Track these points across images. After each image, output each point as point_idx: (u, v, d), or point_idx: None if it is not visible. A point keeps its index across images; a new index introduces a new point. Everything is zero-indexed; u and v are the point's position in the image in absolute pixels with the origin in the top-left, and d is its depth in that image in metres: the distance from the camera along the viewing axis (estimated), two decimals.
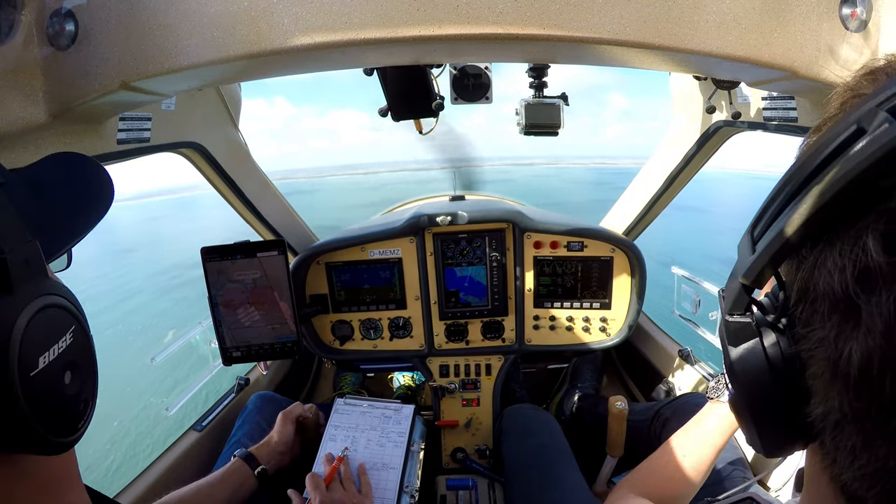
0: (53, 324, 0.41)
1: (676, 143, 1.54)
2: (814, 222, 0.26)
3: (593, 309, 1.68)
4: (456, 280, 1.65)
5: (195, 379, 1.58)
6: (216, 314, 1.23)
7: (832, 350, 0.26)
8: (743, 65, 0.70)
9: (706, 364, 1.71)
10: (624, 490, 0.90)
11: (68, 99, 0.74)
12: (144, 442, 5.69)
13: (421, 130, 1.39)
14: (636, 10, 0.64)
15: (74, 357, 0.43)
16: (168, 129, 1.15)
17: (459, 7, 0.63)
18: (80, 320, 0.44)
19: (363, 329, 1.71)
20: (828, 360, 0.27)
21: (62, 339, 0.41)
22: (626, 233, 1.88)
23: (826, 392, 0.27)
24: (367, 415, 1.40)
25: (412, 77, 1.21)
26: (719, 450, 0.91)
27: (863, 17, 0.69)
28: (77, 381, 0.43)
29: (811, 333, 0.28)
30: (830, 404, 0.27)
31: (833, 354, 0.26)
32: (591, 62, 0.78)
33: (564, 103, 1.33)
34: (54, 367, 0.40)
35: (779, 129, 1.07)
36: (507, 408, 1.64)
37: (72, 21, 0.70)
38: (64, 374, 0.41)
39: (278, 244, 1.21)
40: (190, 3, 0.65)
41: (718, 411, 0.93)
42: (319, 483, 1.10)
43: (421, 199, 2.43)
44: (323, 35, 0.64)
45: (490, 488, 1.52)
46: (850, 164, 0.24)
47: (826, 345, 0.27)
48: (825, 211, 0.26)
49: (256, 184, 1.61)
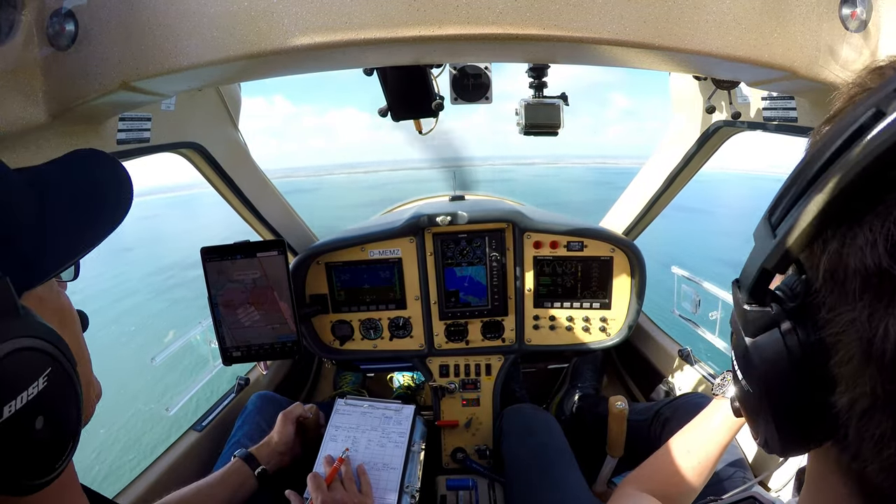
0: (22, 369, 0.37)
1: (676, 143, 1.54)
2: (839, 202, 0.26)
3: (593, 309, 1.69)
4: (456, 280, 1.65)
5: (191, 382, 1.58)
6: (216, 314, 1.23)
7: (865, 329, 0.25)
8: (743, 65, 0.70)
9: (706, 364, 1.71)
10: (629, 486, 0.90)
11: (68, 99, 0.74)
12: (130, 453, 5.45)
13: (421, 130, 1.39)
14: (636, 10, 0.64)
15: (48, 401, 0.39)
16: (168, 130, 1.15)
17: (459, 7, 0.63)
18: (59, 360, 0.41)
19: (363, 329, 1.71)
20: (859, 342, 0.26)
21: (32, 386, 0.38)
22: (626, 233, 1.88)
23: (855, 378, 0.27)
24: (368, 415, 1.40)
25: (412, 77, 1.21)
26: (724, 447, 0.90)
27: (863, 17, 0.69)
28: (51, 426, 0.40)
29: (838, 317, 0.28)
30: (860, 390, 0.26)
31: (866, 334, 0.25)
32: (590, 62, 0.78)
33: (564, 103, 1.33)
34: (22, 416, 0.37)
35: (779, 129, 1.07)
36: (507, 408, 1.64)
37: (72, 21, 0.70)
38: (35, 420, 0.38)
39: (278, 244, 1.21)
40: (190, 3, 0.65)
41: (724, 408, 0.93)
42: (321, 483, 1.10)
43: (421, 199, 2.43)
44: (323, 35, 0.64)
45: (490, 488, 1.52)
46: (874, 143, 0.24)
47: (858, 325, 0.26)
48: (851, 189, 0.26)
49: (256, 184, 1.61)
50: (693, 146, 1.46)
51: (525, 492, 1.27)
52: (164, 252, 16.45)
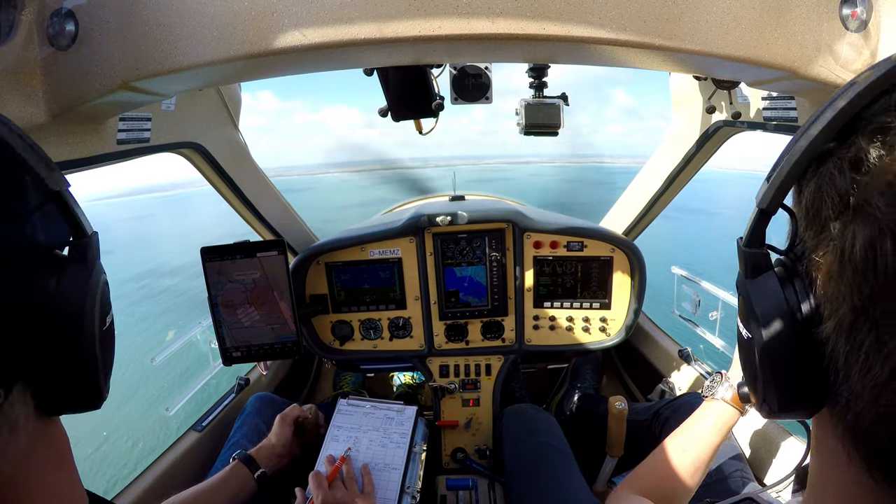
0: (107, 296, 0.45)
1: (676, 143, 1.54)
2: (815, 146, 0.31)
3: (593, 309, 1.69)
4: (456, 280, 1.65)
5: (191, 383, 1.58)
6: (216, 314, 1.23)
7: (839, 242, 0.28)
8: (743, 65, 0.70)
9: (706, 364, 1.71)
10: (624, 490, 0.90)
11: (68, 99, 0.74)
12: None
13: (421, 130, 1.39)
14: (636, 10, 0.64)
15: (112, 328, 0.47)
16: (168, 129, 1.15)
17: (459, 7, 0.63)
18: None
19: (363, 329, 1.71)
20: (834, 255, 0.29)
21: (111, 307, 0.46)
22: (626, 233, 1.88)
23: (836, 297, 0.29)
24: (370, 416, 1.40)
25: (412, 77, 1.21)
26: (716, 448, 0.91)
27: (863, 17, 0.69)
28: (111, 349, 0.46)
29: (820, 244, 0.31)
30: (842, 310, 0.28)
31: (840, 245, 0.28)
32: (591, 62, 0.78)
33: (564, 103, 1.33)
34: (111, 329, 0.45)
35: (779, 129, 1.07)
36: (507, 408, 1.64)
37: (72, 21, 0.70)
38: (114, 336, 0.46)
39: (278, 244, 1.21)
40: (190, 3, 0.65)
41: (715, 409, 0.93)
42: (322, 482, 1.11)
43: (421, 199, 2.43)
44: (323, 35, 0.64)
45: (490, 488, 1.52)
46: (845, 99, 0.29)
47: (833, 243, 0.29)
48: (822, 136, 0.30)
49: (256, 183, 1.61)
50: (693, 146, 1.46)
51: (525, 492, 1.27)
52: (144, 256, 15.50)
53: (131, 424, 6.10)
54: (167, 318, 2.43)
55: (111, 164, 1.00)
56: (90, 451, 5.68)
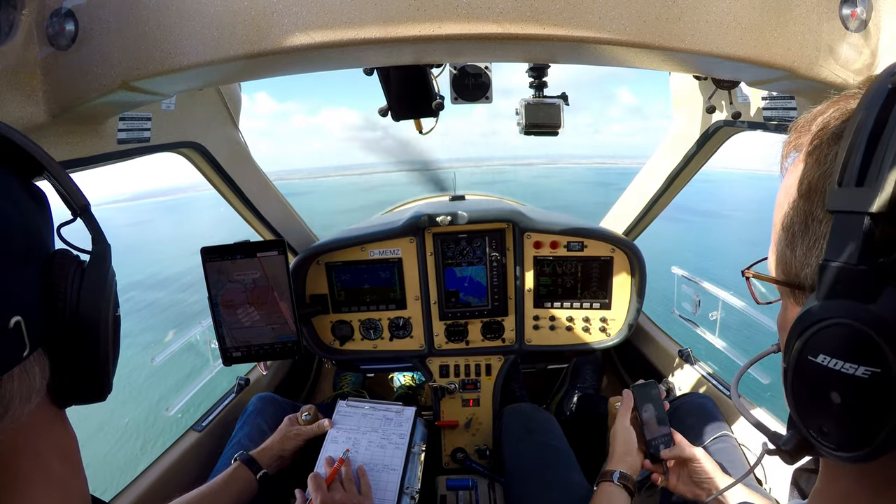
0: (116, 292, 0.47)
1: (676, 143, 1.54)
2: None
3: (593, 309, 1.68)
4: (456, 280, 1.65)
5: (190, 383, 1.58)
6: (216, 314, 1.23)
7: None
8: (743, 65, 0.70)
9: (706, 364, 1.71)
10: None
11: (68, 99, 0.74)
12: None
13: (421, 130, 1.39)
14: (636, 10, 0.64)
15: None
16: (168, 129, 1.15)
17: (459, 7, 0.63)
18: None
19: (363, 329, 1.71)
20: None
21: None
22: (626, 233, 1.88)
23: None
24: (369, 417, 1.40)
25: (412, 77, 1.21)
26: None
27: (863, 17, 0.69)
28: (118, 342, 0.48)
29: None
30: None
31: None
32: (591, 62, 0.78)
33: (564, 103, 1.33)
34: (117, 323, 0.46)
35: (779, 129, 1.07)
36: (507, 408, 1.64)
37: (72, 21, 0.70)
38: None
39: (278, 244, 1.21)
40: (190, 3, 0.65)
41: None
42: (321, 483, 1.11)
43: (421, 199, 2.43)
44: (323, 35, 0.64)
45: (490, 488, 1.52)
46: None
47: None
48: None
49: (256, 184, 1.61)
50: (693, 146, 1.46)
51: (525, 492, 1.27)
52: (136, 265, 14.55)
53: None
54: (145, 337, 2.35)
55: (112, 164, 1.00)
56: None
